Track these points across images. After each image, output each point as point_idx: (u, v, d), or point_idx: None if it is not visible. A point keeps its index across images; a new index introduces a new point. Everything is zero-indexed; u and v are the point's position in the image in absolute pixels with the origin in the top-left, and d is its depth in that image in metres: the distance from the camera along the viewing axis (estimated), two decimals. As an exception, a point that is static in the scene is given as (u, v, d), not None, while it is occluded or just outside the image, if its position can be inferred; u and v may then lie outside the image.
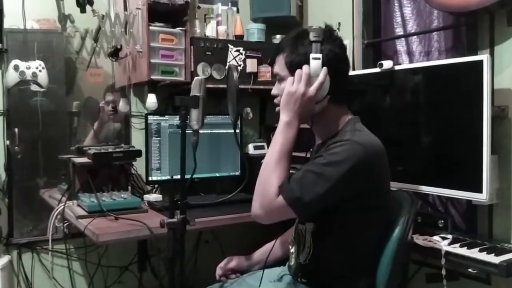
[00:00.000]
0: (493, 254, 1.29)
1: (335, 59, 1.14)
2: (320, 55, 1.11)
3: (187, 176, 1.14)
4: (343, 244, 1.14)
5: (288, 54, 1.16)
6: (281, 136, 1.12)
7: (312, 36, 1.12)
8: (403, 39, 1.88)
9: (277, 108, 1.23)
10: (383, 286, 1.13)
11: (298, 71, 1.13)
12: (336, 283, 1.16)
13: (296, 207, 1.06)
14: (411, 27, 1.85)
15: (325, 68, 1.12)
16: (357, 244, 1.14)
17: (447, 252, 1.34)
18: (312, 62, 1.11)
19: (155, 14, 1.82)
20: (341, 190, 1.06)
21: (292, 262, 1.25)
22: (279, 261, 1.38)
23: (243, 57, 1.98)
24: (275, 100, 1.23)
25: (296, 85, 1.12)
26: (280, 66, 1.18)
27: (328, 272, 1.16)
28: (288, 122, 1.12)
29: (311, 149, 1.37)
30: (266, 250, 1.41)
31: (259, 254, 1.42)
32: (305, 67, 1.12)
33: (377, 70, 1.65)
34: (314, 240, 1.16)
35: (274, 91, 1.23)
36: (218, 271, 1.41)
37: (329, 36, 1.15)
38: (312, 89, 1.11)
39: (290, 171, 1.13)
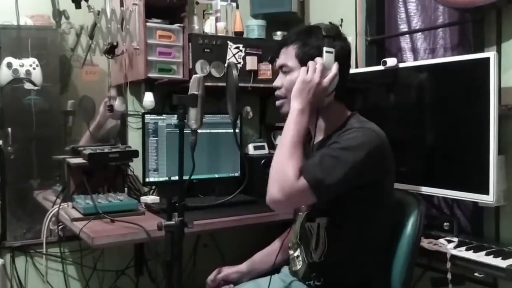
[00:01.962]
0: (500, 258, 1.27)
1: (345, 55, 1.20)
2: (333, 49, 1.15)
3: (185, 177, 1.13)
4: (357, 237, 1.15)
5: (300, 45, 1.18)
6: (295, 123, 1.12)
7: (325, 31, 1.16)
8: (407, 36, 1.87)
9: (277, 102, 1.24)
10: (400, 286, 1.15)
11: (311, 62, 1.15)
12: (351, 282, 1.15)
13: (318, 189, 1.06)
14: (416, 23, 1.84)
15: (337, 63, 1.15)
16: (370, 234, 1.16)
17: (452, 256, 1.33)
18: (325, 55, 1.14)
19: (152, 10, 1.80)
20: (359, 174, 1.07)
21: (299, 266, 1.23)
22: (269, 270, 1.35)
23: (242, 54, 1.97)
24: (278, 92, 1.23)
25: (311, 74, 1.13)
26: (288, 57, 1.20)
27: (344, 267, 1.16)
28: (301, 109, 1.13)
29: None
30: (257, 259, 1.41)
31: (249, 263, 1.42)
32: (318, 59, 1.15)
33: (380, 67, 1.64)
34: (328, 235, 1.16)
35: (277, 82, 1.23)
36: (209, 284, 1.41)
37: (339, 32, 1.21)
38: (327, 79, 1.14)
39: None
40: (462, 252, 1.33)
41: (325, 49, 1.14)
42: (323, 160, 1.07)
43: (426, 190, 1.49)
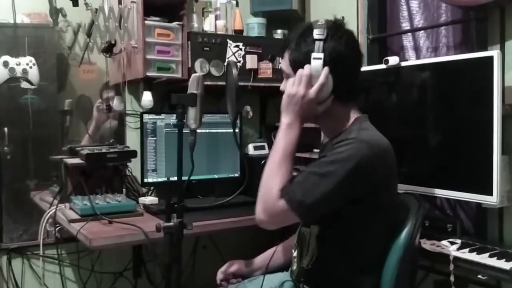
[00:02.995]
0: (504, 260, 1.26)
1: (339, 57, 1.12)
2: (321, 55, 1.10)
3: (184, 178, 1.12)
4: (348, 247, 1.13)
5: (292, 51, 1.16)
6: (283, 138, 1.12)
7: (315, 34, 1.11)
8: (409, 34, 1.86)
9: None
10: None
11: (299, 72, 1.12)
12: None
13: (299, 210, 1.04)
14: (418, 21, 1.83)
15: (326, 68, 1.10)
16: (362, 247, 1.13)
17: (455, 258, 1.32)
18: (313, 62, 1.10)
19: (151, 7, 1.79)
20: (346, 189, 1.04)
21: (295, 266, 1.23)
22: (281, 267, 1.37)
23: (242, 53, 1.95)
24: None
25: (296, 87, 1.12)
26: (285, 63, 1.19)
27: (331, 277, 1.14)
28: (289, 123, 1.12)
29: (314, 149, 1.35)
30: (269, 255, 1.39)
31: (261, 259, 1.41)
32: (306, 67, 1.11)
33: (382, 66, 1.63)
34: (319, 244, 1.14)
35: (282, 87, 1.22)
36: (219, 275, 1.41)
37: (334, 32, 1.12)
38: (313, 91, 1.11)
39: (293, 173, 1.12)
40: (465, 254, 1.32)
41: (313, 55, 1.09)
42: (307, 178, 1.05)
43: (428, 191, 1.48)
